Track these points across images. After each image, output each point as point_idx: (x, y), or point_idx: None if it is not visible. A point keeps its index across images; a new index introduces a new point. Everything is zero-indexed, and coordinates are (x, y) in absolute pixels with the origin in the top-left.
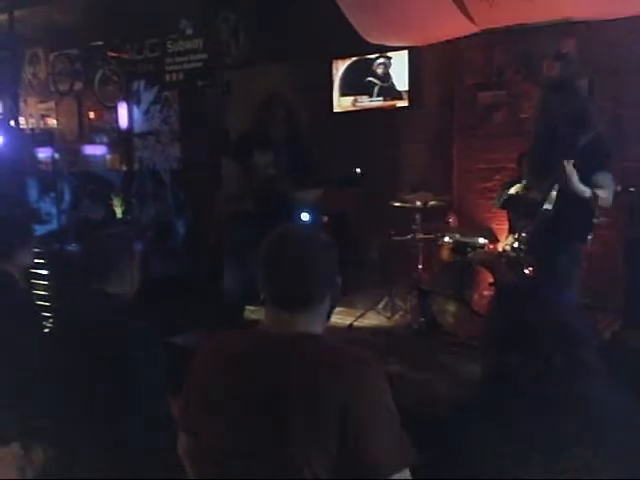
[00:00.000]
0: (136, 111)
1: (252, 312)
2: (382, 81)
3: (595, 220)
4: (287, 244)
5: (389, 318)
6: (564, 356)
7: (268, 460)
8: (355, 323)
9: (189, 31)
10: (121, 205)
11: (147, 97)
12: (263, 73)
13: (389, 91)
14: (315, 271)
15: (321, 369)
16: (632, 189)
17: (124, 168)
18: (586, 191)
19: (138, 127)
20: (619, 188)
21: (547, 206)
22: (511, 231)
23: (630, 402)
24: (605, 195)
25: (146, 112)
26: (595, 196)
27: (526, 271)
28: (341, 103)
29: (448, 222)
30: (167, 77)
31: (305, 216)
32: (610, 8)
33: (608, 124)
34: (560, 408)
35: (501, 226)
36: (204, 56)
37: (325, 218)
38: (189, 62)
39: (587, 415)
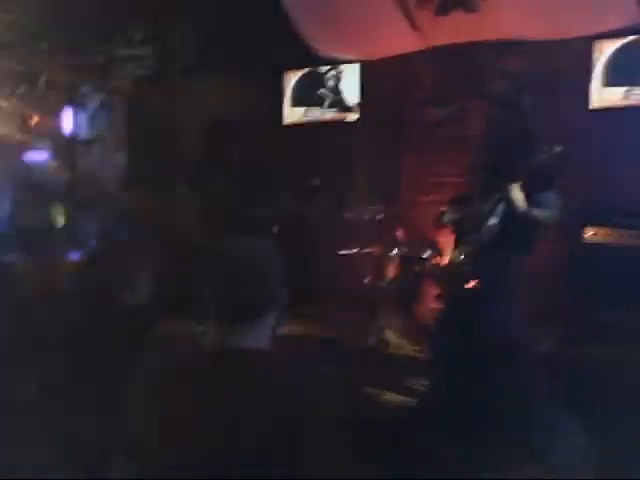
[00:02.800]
0: (81, 117)
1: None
2: (333, 94)
3: (538, 235)
4: (231, 257)
5: (338, 331)
6: (509, 368)
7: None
8: (303, 336)
9: (138, 37)
10: (62, 213)
11: (93, 103)
12: (214, 82)
13: (340, 104)
14: (260, 284)
15: (267, 384)
16: (574, 205)
17: (67, 175)
18: (530, 212)
19: (83, 133)
20: (561, 203)
21: (493, 221)
22: (457, 245)
23: (571, 413)
24: (549, 214)
25: (91, 118)
26: (539, 215)
27: (471, 284)
28: (292, 115)
29: (396, 235)
30: (114, 83)
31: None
32: (555, 29)
33: (552, 142)
34: (507, 420)
35: (447, 239)
36: (153, 63)
37: (275, 228)
38: (137, 68)
39: (534, 427)
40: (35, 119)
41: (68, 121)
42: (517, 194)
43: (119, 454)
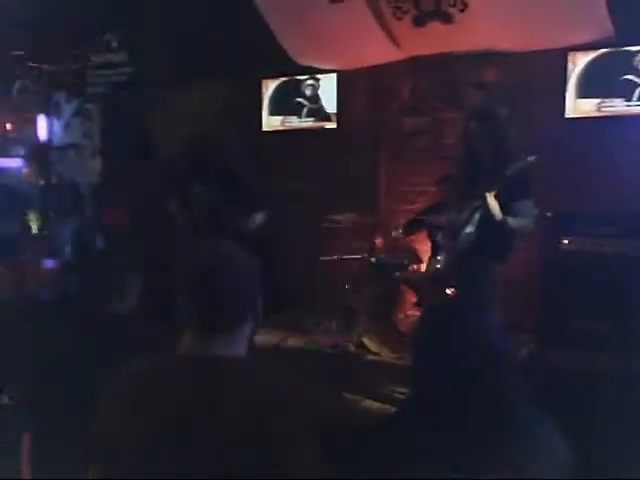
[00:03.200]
0: (56, 123)
1: None
2: (311, 102)
3: (514, 243)
4: (205, 265)
5: (315, 338)
6: (488, 376)
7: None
8: (280, 343)
9: (114, 44)
10: (37, 220)
11: (68, 109)
12: (192, 89)
13: (318, 112)
14: (235, 292)
15: (242, 392)
16: (549, 214)
17: (41, 182)
18: (506, 220)
19: (57, 140)
20: (536, 212)
21: (470, 229)
22: (434, 253)
23: (548, 420)
24: (525, 223)
25: (66, 125)
26: (514, 224)
27: (449, 291)
28: (270, 122)
29: (374, 243)
30: (90, 90)
31: None
32: (529, 41)
33: (528, 152)
34: (484, 427)
35: (425, 247)
36: (129, 70)
37: (254, 236)
38: (113, 75)
39: (511, 435)
40: (9, 126)
41: (43, 128)
42: (492, 203)
43: (94, 462)
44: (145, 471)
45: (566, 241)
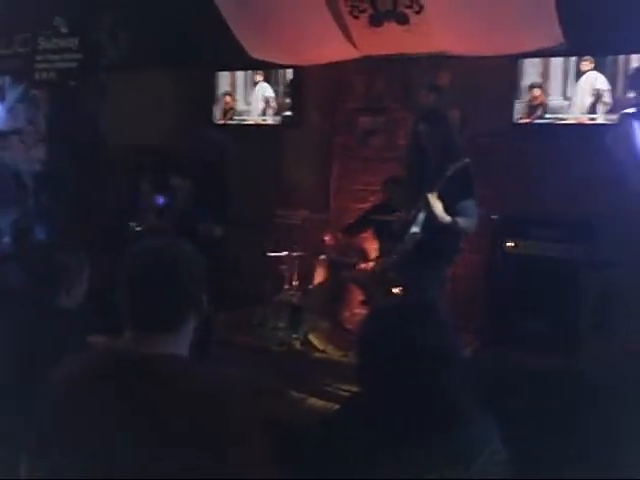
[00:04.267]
0: (0, 108)
1: None
2: (266, 97)
3: (460, 244)
4: (148, 261)
5: (261, 335)
6: (434, 374)
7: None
8: (225, 340)
9: (64, 29)
10: None
11: (12, 94)
12: (143, 78)
13: (272, 107)
14: (178, 289)
15: (185, 392)
16: (494, 216)
17: None
18: (449, 220)
19: (1, 125)
20: (478, 213)
21: (415, 229)
22: (381, 252)
23: (490, 420)
24: (468, 223)
25: (10, 110)
26: (458, 224)
27: (395, 290)
28: (223, 116)
29: (324, 240)
30: (36, 75)
31: None
32: (482, 46)
33: (475, 155)
34: (428, 426)
35: (373, 246)
36: (79, 56)
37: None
38: (62, 61)
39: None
40: None
41: None
42: (435, 203)
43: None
44: (76, 471)
45: (510, 243)
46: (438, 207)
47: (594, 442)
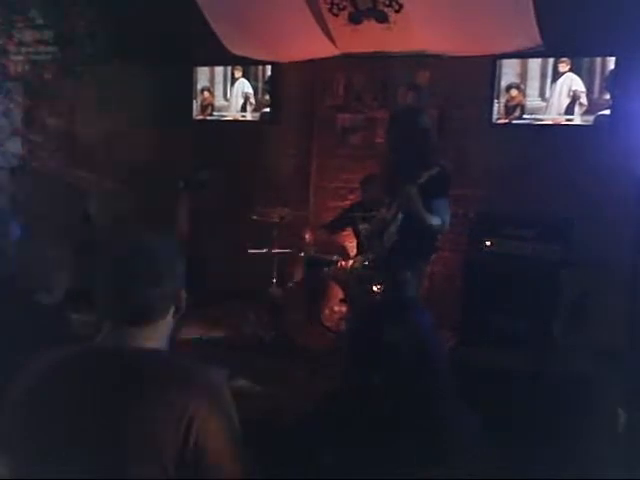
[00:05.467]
0: None
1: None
2: (245, 92)
3: (436, 242)
4: (127, 255)
5: (240, 332)
6: (414, 372)
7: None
8: (204, 336)
9: (39, 21)
10: None
11: None
12: (120, 73)
13: (251, 103)
14: (157, 284)
15: (163, 386)
16: (471, 215)
17: None
18: (427, 216)
19: None
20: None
21: (392, 228)
22: (361, 250)
23: (470, 419)
24: (441, 222)
25: None
26: (433, 222)
27: (375, 288)
28: (202, 111)
29: (304, 238)
30: (11, 67)
31: None
32: (461, 46)
33: (452, 155)
34: (411, 425)
35: (353, 244)
36: (54, 49)
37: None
38: (37, 54)
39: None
40: None
41: None
42: (411, 201)
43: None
44: (51, 467)
45: (488, 242)
46: (418, 202)
47: (570, 441)
